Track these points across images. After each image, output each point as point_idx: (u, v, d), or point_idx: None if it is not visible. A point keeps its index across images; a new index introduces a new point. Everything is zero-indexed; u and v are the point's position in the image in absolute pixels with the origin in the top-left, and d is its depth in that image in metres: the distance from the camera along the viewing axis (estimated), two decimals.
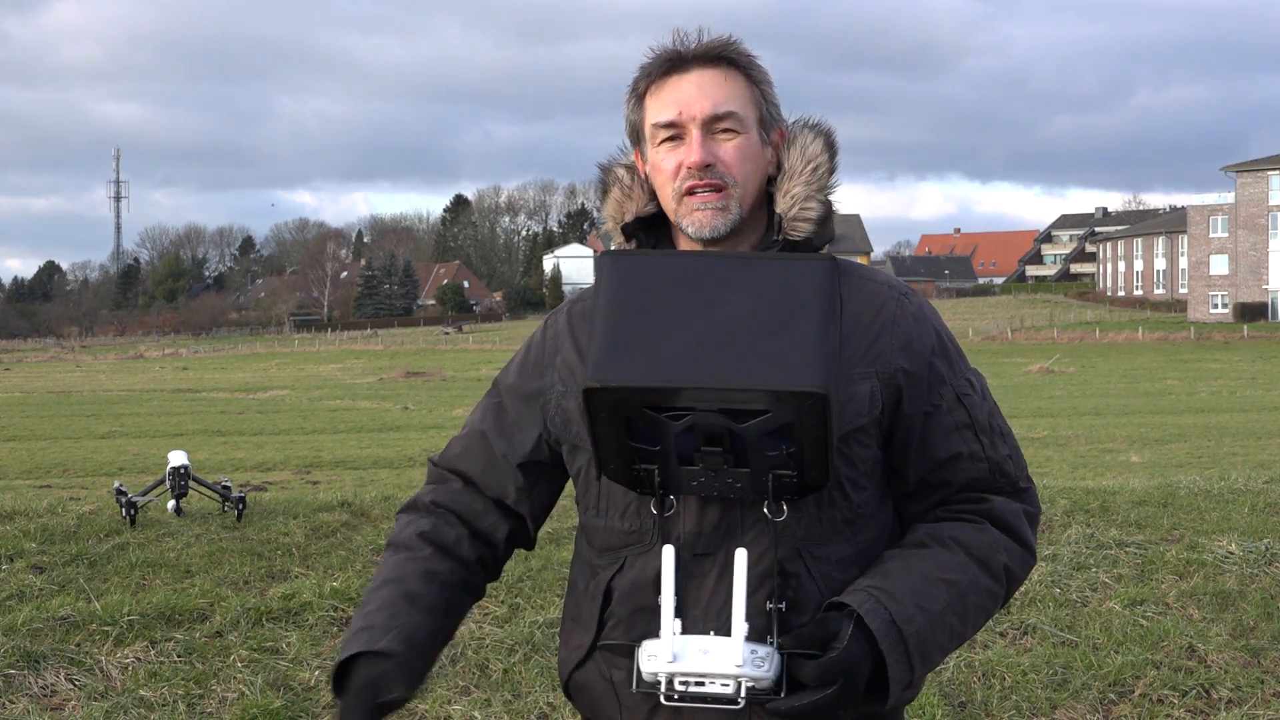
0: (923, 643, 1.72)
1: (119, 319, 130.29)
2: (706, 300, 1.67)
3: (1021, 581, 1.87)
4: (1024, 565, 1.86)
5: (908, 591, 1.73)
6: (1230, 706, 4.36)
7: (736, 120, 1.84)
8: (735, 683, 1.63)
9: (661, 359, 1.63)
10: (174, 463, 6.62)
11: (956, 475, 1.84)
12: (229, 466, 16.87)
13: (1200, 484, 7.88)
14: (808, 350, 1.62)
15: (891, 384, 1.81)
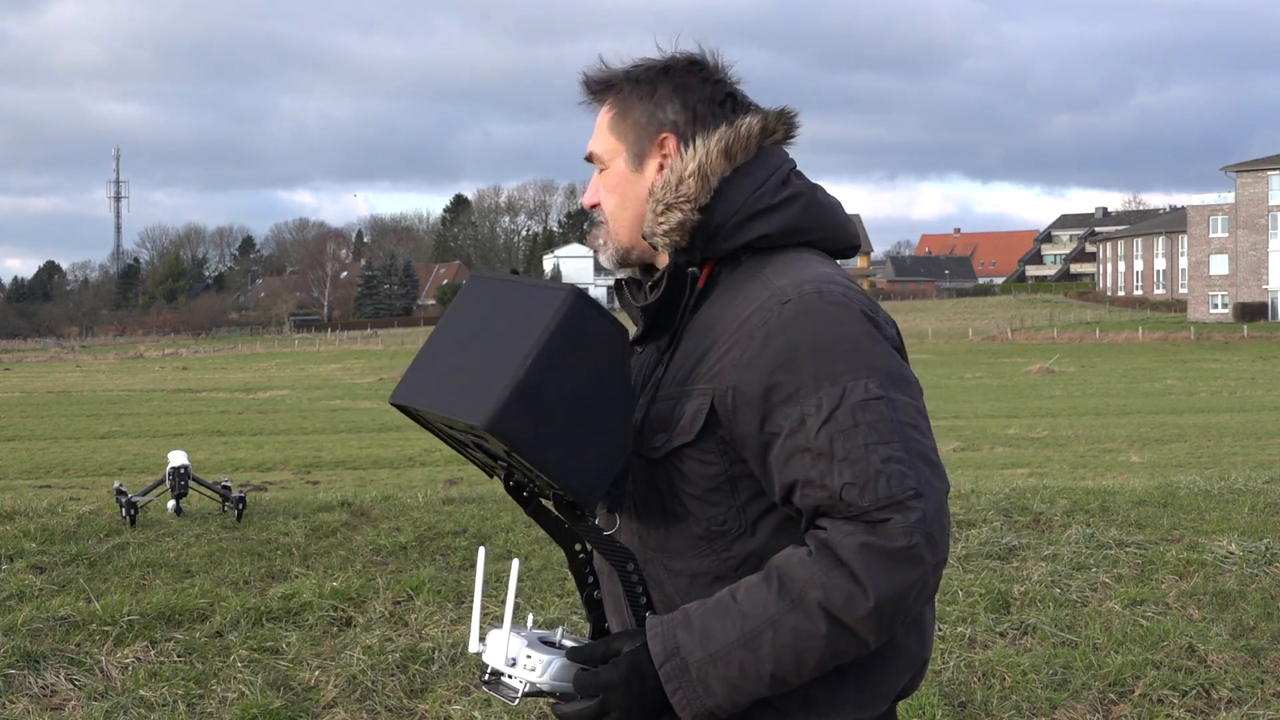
0: (704, 674, 1.69)
1: (119, 319, 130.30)
2: (479, 327, 1.76)
3: (864, 621, 1.66)
4: (848, 602, 1.65)
5: (701, 621, 1.72)
6: (1230, 706, 4.36)
7: (598, 158, 1.96)
8: (524, 682, 1.77)
9: (422, 383, 1.76)
10: (174, 463, 6.62)
11: (802, 502, 1.72)
12: (229, 466, 16.88)
13: (1200, 484, 7.88)
14: (495, 383, 1.66)
15: (723, 402, 1.77)
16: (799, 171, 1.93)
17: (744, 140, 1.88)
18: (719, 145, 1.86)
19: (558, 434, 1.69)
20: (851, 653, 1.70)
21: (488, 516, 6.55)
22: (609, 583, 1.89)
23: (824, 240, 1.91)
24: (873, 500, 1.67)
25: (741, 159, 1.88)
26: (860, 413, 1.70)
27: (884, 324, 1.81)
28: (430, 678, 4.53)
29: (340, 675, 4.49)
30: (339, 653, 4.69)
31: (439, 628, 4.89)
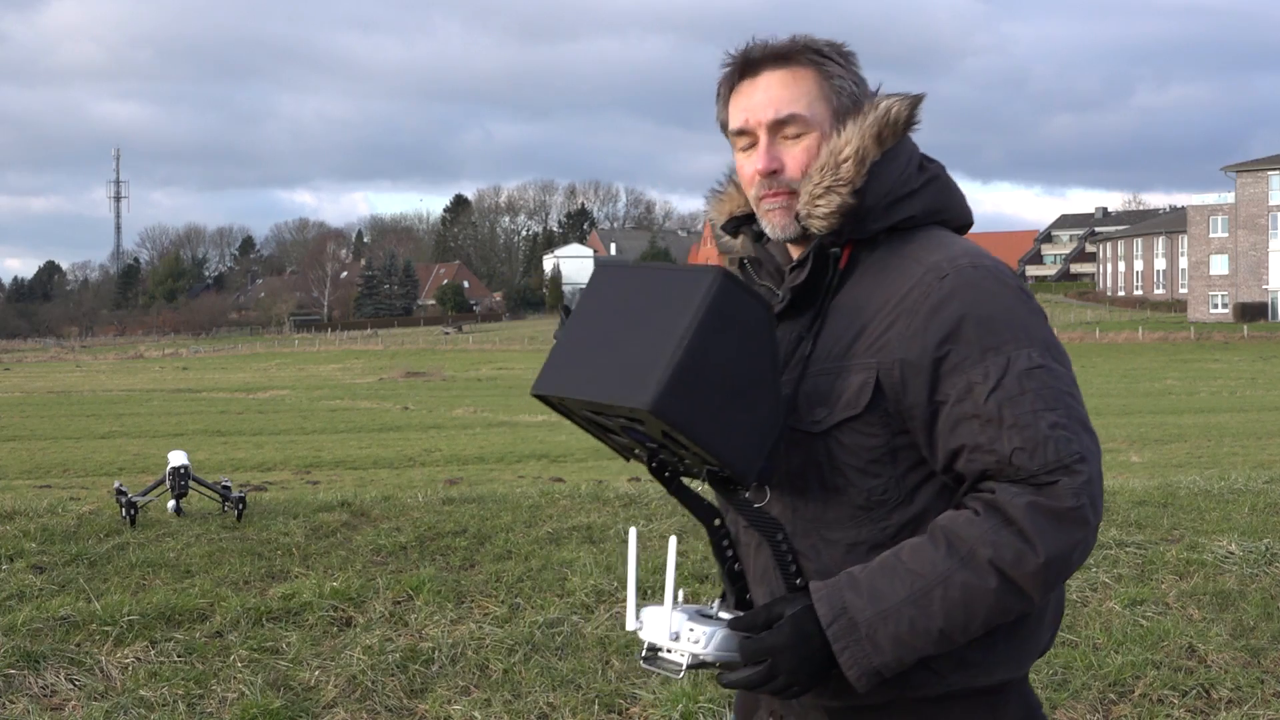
0: (874, 632, 1.74)
1: (119, 319, 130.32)
2: (624, 315, 1.79)
3: (1033, 577, 1.73)
4: (1018, 559, 1.72)
5: (869, 581, 1.77)
6: (1230, 706, 4.36)
7: (801, 122, 1.91)
8: (687, 655, 1.79)
9: (567, 373, 1.80)
10: (174, 463, 6.62)
11: (968, 467, 1.79)
12: (229, 466, 16.88)
13: (1200, 484, 7.88)
14: (653, 367, 1.70)
15: (890, 375, 1.82)
16: (926, 155, 2.00)
17: (893, 125, 1.94)
18: (873, 130, 1.91)
19: (715, 413, 1.75)
20: (1017, 609, 1.77)
21: (488, 516, 6.55)
22: (757, 555, 1.93)
23: (954, 219, 1.98)
24: (1041, 464, 1.74)
25: (890, 143, 1.93)
26: (1026, 380, 1.76)
27: (1032, 296, 1.87)
28: (430, 678, 4.53)
29: (340, 675, 4.50)
30: (339, 653, 4.69)
31: (439, 628, 4.89)
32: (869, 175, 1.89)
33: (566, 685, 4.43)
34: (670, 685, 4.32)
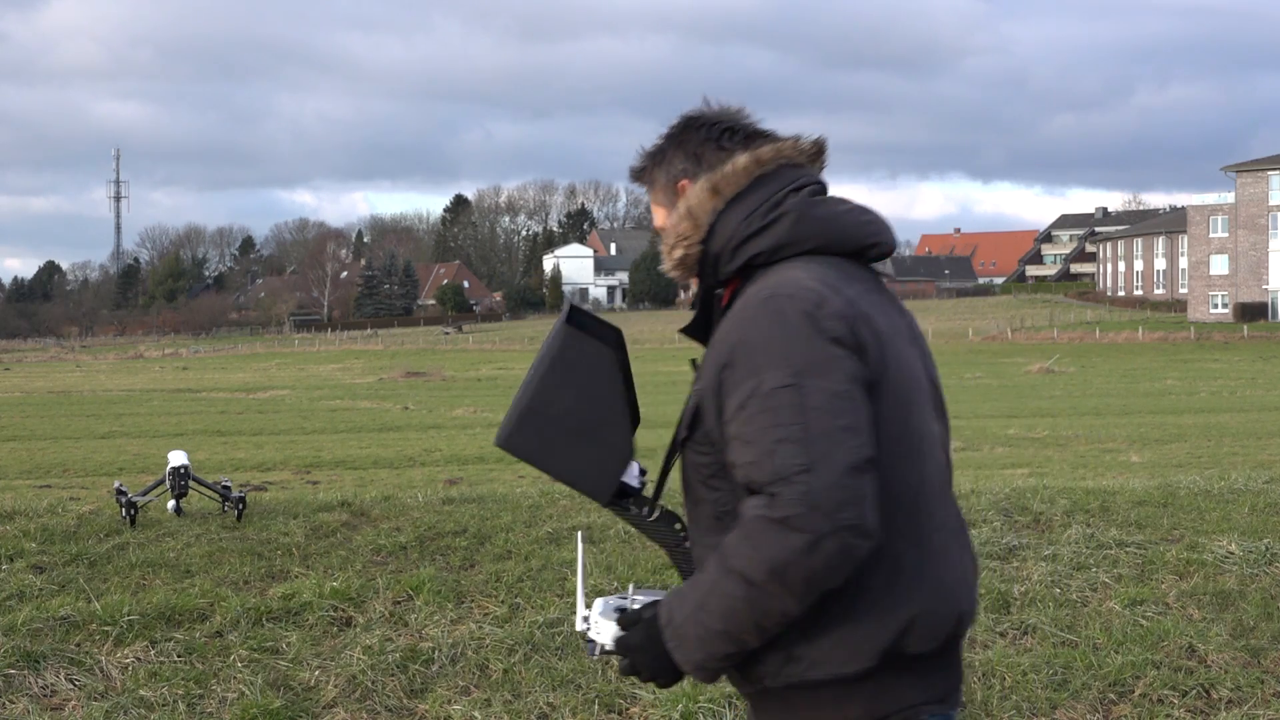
0: (685, 633, 2.00)
1: (119, 319, 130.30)
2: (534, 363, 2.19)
3: (769, 582, 1.89)
4: (749, 566, 1.90)
5: (686, 590, 2.02)
6: (1230, 706, 4.36)
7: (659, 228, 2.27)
8: (597, 644, 2.13)
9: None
10: (174, 463, 6.62)
11: (741, 482, 1.99)
12: (229, 466, 16.87)
13: (1200, 484, 7.88)
14: (514, 410, 2.15)
15: (704, 400, 2.06)
16: (813, 187, 2.17)
17: (731, 176, 2.15)
18: (705, 186, 2.15)
19: (563, 446, 2.10)
20: (778, 611, 1.93)
21: (488, 516, 6.55)
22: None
23: (825, 246, 2.12)
24: (767, 476, 1.92)
25: (732, 192, 2.14)
26: (768, 400, 1.95)
27: (828, 318, 1.99)
28: (430, 678, 4.53)
29: (340, 675, 4.50)
30: (339, 653, 4.69)
31: (439, 628, 4.89)
32: (711, 226, 2.14)
33: (566, 685, 4.43)
34: None
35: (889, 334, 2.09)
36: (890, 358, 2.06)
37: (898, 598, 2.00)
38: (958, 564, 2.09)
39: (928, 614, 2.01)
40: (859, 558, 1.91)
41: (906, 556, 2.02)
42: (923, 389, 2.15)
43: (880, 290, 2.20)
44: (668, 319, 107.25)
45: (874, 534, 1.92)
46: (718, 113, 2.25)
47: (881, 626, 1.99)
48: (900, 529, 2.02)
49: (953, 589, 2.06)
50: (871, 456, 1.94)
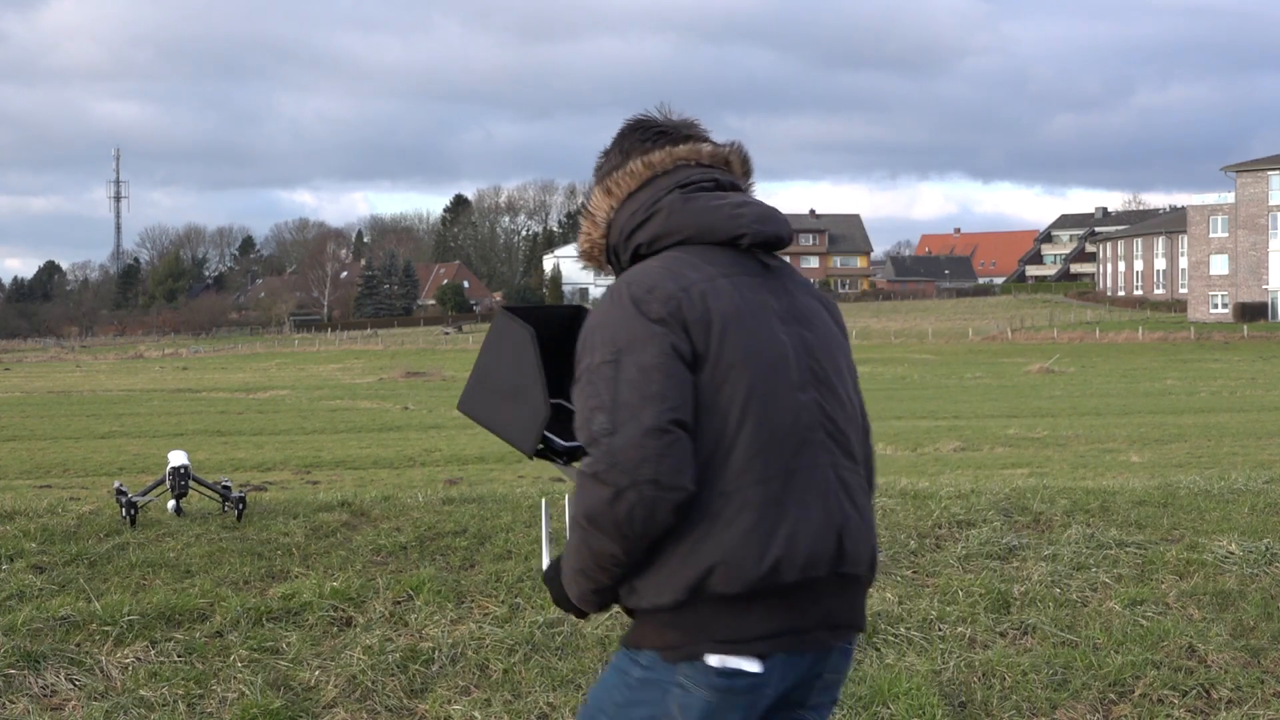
0: (565, 575, 2.44)
1: (119, 319, 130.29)
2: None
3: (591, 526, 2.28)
4: (576, 514, 2.31)
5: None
6: (1230, 706, 4.37)
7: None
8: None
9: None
10: (174, 462, 6.61)
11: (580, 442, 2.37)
12: (229, 466, 16.87)
13: (1200, 484, 7.88)
14: (468, 381, 2.76)
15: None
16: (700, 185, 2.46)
17: (622, 178, 2.50)
18: (600, 187, 2.53)
19: (497, 408, 2.65)
20: (606, 553, 2.30)
21: (488, 516, 6.55)
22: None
23: (696, 237, 2.44)
24: (586, 439, 2.30)
25: (624, 192, 2.50)
26: (592, 375, 2.31)
27: (654, 300, 2.32)
28: (430, 678, 4.53)
29: (340, 675, 4.50)
30: (339, 653, 4.69)
31: (439, 628, 4.89)
32: (609, 222, 2.52)
33: (566, 685, 4.43)
34: None
35: (736, 313, 2.35)
36: (730, 334, 2.33)
37: (704, 543, 2.30)
38: (789, 520, 2.32)
39: (731, 560, 2.28)
40: (663, 507, 2.24)
41: (720, 507, 2.30)
42: (780, 360, 2.37)
43: (758, 274, 2.45)
44: None
45: (675, 486, 2.24)
46: (653, 119, 2.56)
47: (687, 567, 2.30)
48: (720, 483, 2.31)
49: (765, 538, 2.30)
50: (676, 420, 2.26)
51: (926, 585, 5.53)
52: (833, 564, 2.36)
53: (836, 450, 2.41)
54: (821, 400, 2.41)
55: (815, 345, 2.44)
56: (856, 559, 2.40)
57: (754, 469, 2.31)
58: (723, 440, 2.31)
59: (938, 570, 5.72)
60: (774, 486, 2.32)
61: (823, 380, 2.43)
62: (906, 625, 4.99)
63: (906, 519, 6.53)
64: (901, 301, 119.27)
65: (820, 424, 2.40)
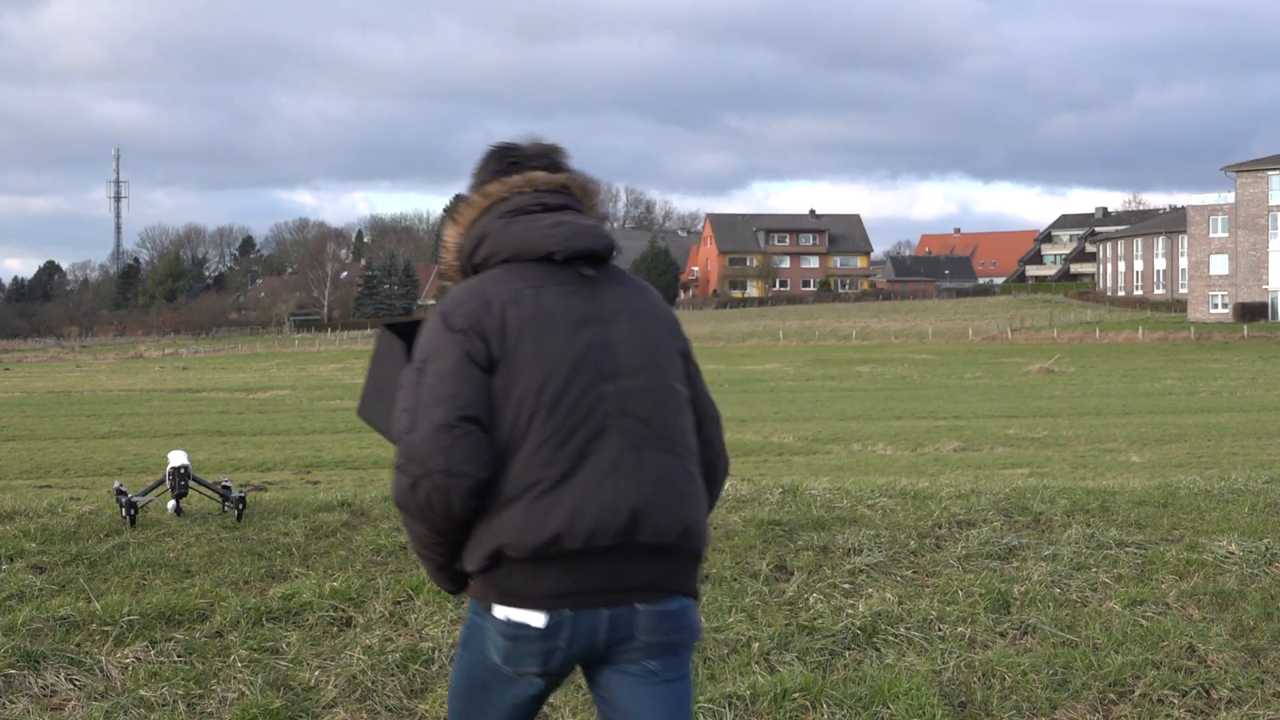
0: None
1: (119, 319, 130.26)
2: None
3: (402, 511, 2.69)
4: (393, 501, 2.71)
5: None
6: (1230, 706, 4.36)
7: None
8: None
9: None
10: (174, 463, 6.61)
11: None
12: (229, 466, 16.87)
13: (1200, 484, 7.88)
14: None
15: None
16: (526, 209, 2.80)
17: (465, 209, 2.87)
18: (450, 218, 2.89)
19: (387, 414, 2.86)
20: (421, 532, 2.71)
21: None
22: None
23: (515, 255, 2.76)
24: (394, 438, 2.70)
25: (466, 221, 2.86)
26: (406, 381, 2.70)
27: (457, 315, 2.69)
28: (430, 678, 4.53)
29: (340, 675, 4.50)
30: (339, 653, 4.69)
31: (439, 628, 4.89)
32: (458, 247, 2.86)
33: (566, 685, 4.42)
34: None
35: (533, 320, 2.69)
36: (525, 339, 2.67)
37: (500, 519, 2.66)
38: (572, 496, 2.64)
39: (518, 533, 2.63)
40: (456, 492, 2.61)
41: (514, 488, 2.65)
42: (576, 358, 2.69)
43: (572, 283, 2.75)
44: None
45: (463, 473, 2.60)
46: (511, 147, 2.92)
47: (487, 539, 2.66)
48: (516, 467, 2.65)
49: (547, 513, 2.63)
50: (465, 416, 2.61)
51: (926, 585, 5.53)
52: (623, 534, 2.65)
53: (639, 434, 2.70)
54: (625, 392, 2.71)
55: (623, 342, 2.74)
56: (658, 530, 2.69)
57: (544, 454, 2.64)
58: (517, 431, 2.65)
59: (938, 570, 5.72)
60: (564, 468, 2.64)
61: (631, 374, 2.72)
62: (906, 625, 5.00)
63: (906, 519, 6.53)
64: (901, 301, 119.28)
65: (620, 411, 2.69)
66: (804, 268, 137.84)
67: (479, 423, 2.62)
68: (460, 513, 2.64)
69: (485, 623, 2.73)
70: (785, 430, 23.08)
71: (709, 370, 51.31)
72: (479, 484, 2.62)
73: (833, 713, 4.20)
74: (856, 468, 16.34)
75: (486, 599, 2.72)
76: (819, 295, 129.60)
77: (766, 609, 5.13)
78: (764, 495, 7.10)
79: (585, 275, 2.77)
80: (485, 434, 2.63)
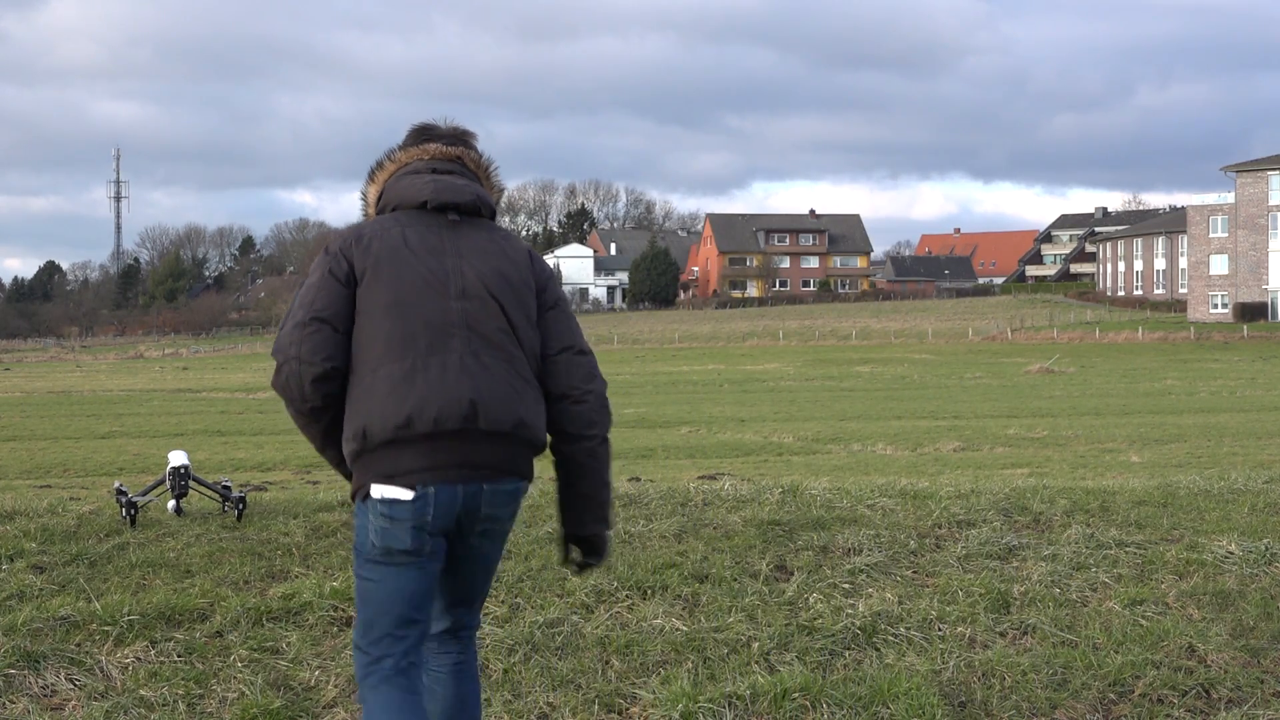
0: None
1: (119, 319, 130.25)
2: None
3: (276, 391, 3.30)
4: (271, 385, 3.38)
5: None
6: (1230, 706, 4.37)
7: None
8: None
9: None
10: (174, 462, 6.61)
11: None
12: (229, 466, 16.87)
13: (1200, 484, 7.88)
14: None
15: None
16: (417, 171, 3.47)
17: (378, 171, 3.55)
18: (369, 178, 3.57)
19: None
20: (290, 410, 3.38)
21: None
22: None
23: (401, 204, 3.43)
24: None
25: (381, 180, 3.53)
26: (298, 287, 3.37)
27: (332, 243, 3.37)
28: None
29: (340, 675, 4.50)
30: (339, 652, 4.69)
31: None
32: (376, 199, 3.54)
33: (566, 685, 4.43)
34: (670, 685, 4.33)
35: (395, 248, 3.32)
36: (384, 263, 3.29)
37: (362, 405, 3.22)
38: (420, 386, 3.20)
39: (377, 417, 3.19)
40: (306, 376, 3.22)
41: (372, 380, 3.22)
42: (427, 280, 3.30)
43: (440, 227, 3.39)
44: (667, 319, 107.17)
45: (312, 362, 3.21)
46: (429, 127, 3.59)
47: (354, 421, 3.23)
48: (372, 363, 3.23)
49: (400, 401, 3.18)
50: (318, 317, 3.23)
51: (926, 585, 5.53)
52: (466, 421, 3.21)
53: (478, 343, 3.28)
54: (468, 309, 3.30)
55: (472, 272, 3.34)
56: (495, 420, 3.24)
57: (396, 353, 3.22)
58: (374, 334, 3.24)
59: (938, 570, 5.72)
60: (413, 364, 3.21)
61: (475, 296, 3.32)
62: (906, 625, 5.00)
63: (906, 519, 6.53)
64: (901, 301, 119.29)
65: (463, 324, 3.28)
66: (804, 268, 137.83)
67: (329, 323, 3.24)
68: (310, 395, 3.24)
69: (366, 511, 3.26)
70: (785, 430, 23.08)
71: (709, 370, 51.29)
72: (324, 372, 3.22)
73: (833, 712, 4.21)
74: (856, 468, 16.34)
75: (364, 486, 3.24)
76: (819, 295, 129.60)
77: (766, 609, 5.13)
78: (764, 495, 7.10)
79: (452, 220, 3.41)
80: (335, 333, 3.24)
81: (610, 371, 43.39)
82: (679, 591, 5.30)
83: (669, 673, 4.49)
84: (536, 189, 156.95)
